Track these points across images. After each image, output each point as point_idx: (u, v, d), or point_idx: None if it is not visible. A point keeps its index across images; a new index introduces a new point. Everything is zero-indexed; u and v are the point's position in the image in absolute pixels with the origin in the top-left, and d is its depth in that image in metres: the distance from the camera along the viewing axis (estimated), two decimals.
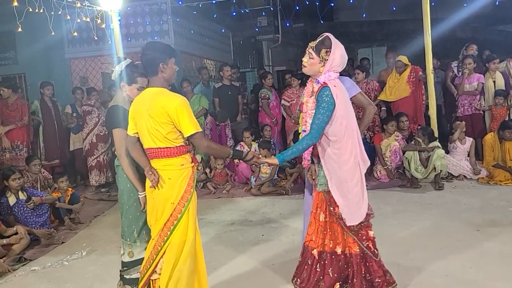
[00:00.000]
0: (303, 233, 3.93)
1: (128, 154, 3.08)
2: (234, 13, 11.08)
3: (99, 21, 6.67)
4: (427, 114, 7.02)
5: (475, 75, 7.02)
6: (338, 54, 2.91)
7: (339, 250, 3.04)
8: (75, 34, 7.53)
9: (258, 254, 4.13)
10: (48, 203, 5.21)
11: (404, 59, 7.17)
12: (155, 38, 9.63)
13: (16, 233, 4.62)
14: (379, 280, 3.00)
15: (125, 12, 8.71)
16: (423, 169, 6.10)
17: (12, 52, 10.17)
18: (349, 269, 3.03)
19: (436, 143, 6.19)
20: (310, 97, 3.03)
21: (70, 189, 5.79)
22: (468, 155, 6.52)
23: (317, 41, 2.95)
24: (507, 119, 6.77)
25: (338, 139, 2.92)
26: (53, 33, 6.07)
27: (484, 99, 7.09)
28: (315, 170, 3.18)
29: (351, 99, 3.30)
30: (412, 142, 6.43)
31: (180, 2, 9.40)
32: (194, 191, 2.92)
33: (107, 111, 3.24)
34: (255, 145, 7.01)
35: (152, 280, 2.99)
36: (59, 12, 5.92)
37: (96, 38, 7.89)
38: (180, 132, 2.81)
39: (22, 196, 5.01)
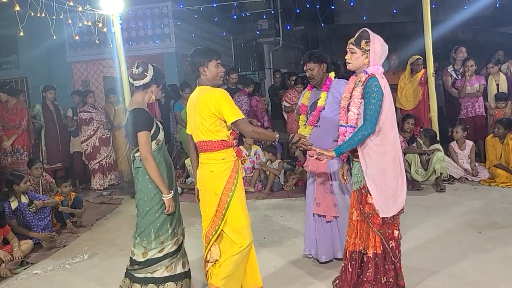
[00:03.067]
0: (305, 236, 3.95)
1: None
2: (235, 17, 11.10)
3: (100, 24, 6.68)
4: (428, 116, 7.01)
5: (475, 77, 7.04)
6: (378, 43, 2.97)
7: (361, 250, 3.06)
8: (77, 38, 7.54)
9: (260, 257, 4.10)
10: (50, 206, 5.22)
11: (421, 57, 7.09)
12: (156, 41, 9.67)
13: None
14: (392, 280, 3.03)
15: (126, 16, 8.73)
16: (423, 171, 6.10)
17: (14, 56, 10.22)
18: (366, 269, 3.04)
19: (437, 145, 6.17)
20: (351, 92, 3.05)
21: (73, 193, 5.80)
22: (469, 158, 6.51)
23: (355, 36, 3.01)
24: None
25: (382, 129, 2.92)
26: (54, 37, 6.08)
27: (489, 102, 7.06)
28: (347, 170, 3.22)
29: None
30: (413, 144, 6.42)
31: (181, 6, 9.43)
32: (238, 184, 3.04)
33: (130, 114, 3.15)
34: (255, 148, 7.00)
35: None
36: (61, 16, 5.92)
37: (97, 42, 7.89)
38: (224, 122, 2.99)
39: (24, 199, 5.02)
